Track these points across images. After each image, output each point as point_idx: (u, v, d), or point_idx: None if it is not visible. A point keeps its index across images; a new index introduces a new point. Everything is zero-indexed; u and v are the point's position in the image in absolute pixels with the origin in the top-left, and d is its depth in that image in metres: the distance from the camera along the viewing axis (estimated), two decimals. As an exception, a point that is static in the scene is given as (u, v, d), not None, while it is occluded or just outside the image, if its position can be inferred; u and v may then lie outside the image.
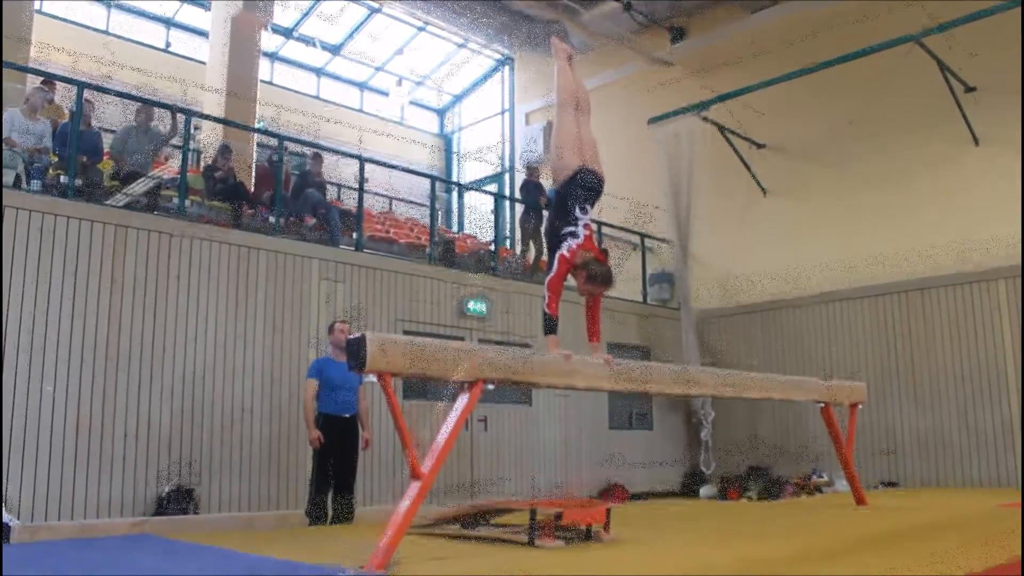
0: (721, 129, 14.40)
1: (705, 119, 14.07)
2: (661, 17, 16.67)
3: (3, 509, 6.44)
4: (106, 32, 16.47)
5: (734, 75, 14.68)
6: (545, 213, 14.14)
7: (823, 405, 8.24)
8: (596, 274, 5.67)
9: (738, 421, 14.04)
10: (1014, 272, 11.88)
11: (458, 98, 21.70)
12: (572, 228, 5.80)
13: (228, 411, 9.15)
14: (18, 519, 7.32)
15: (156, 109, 10.76)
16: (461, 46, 19.98)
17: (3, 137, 9.00)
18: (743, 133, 14.69)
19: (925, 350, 12.58)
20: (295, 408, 9.58)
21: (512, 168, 19.70)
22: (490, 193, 17.74)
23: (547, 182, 14.73)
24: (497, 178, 20.46)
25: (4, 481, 7.50)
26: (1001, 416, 11.76)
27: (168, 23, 17.42)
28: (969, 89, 12.56)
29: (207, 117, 12.29)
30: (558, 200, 6.07)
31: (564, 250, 5.75)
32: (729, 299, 14.77)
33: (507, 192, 19.31)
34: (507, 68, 20.52)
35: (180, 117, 10.26)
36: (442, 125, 21.96)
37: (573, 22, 16.28)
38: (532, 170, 15.03)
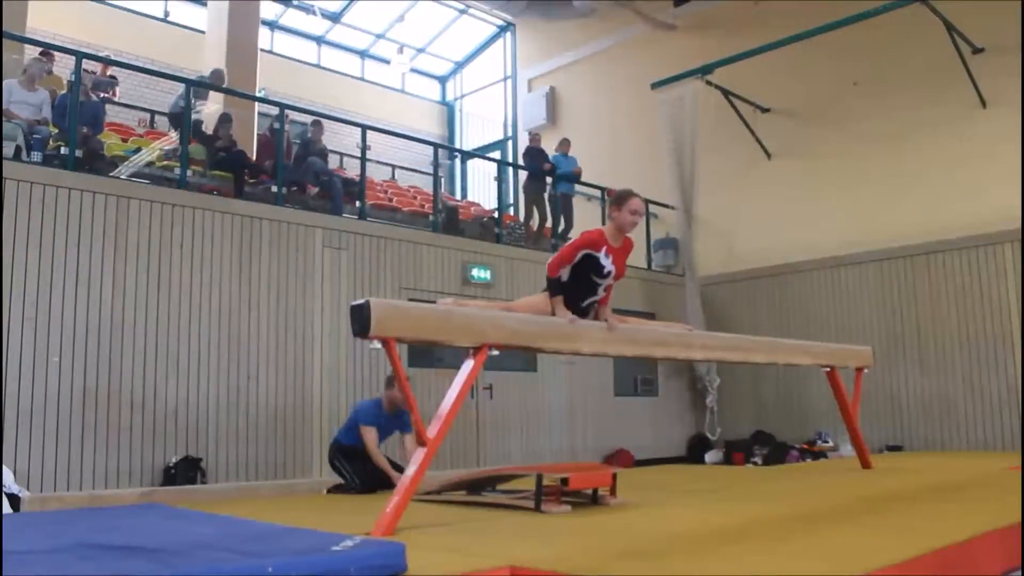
0: (725, 92, 14.30)
1: (709, 83, 13.98)
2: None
3: (7, 480, 6.53)
4: (104, 2, 16.34)
5: (738, 38, 14.55)
6: (548, 180, 14.11)
7: (828, 369, 8.23)
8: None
9: (743, 386, 14.06)
10: (1019, 236, 11.80)
11: (460, 65, 21.57)
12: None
13: (234, 379, 9.17)
14: (27, 490, 7.34)
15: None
16: (462, 12, 19.84)
17: (2, 108, 8.96)
18: (747, 96, 14.59)
19: (931, 314, 12.53)
20: (300, 375, 9.62)
21: (515, 135, 19.62)
22: (493, 160, 17.66)
23: (549, 148, 14.67)
24: (500, 144, 20.39)
25: (3, 452, 7.50)
26: (1006, 379, 11.74)
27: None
28: (976, 50, 12.43)
29: (206, 86, 12.22)
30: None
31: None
32: (734, 264, 14.74)
33: (510, 159, 19.24)
34: (508, 34, 20.37)
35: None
36: (444, 93, 21.85)
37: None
38: (534, 136, 14.96)
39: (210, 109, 12.23)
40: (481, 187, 19.80)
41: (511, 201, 17.30)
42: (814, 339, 12.30)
